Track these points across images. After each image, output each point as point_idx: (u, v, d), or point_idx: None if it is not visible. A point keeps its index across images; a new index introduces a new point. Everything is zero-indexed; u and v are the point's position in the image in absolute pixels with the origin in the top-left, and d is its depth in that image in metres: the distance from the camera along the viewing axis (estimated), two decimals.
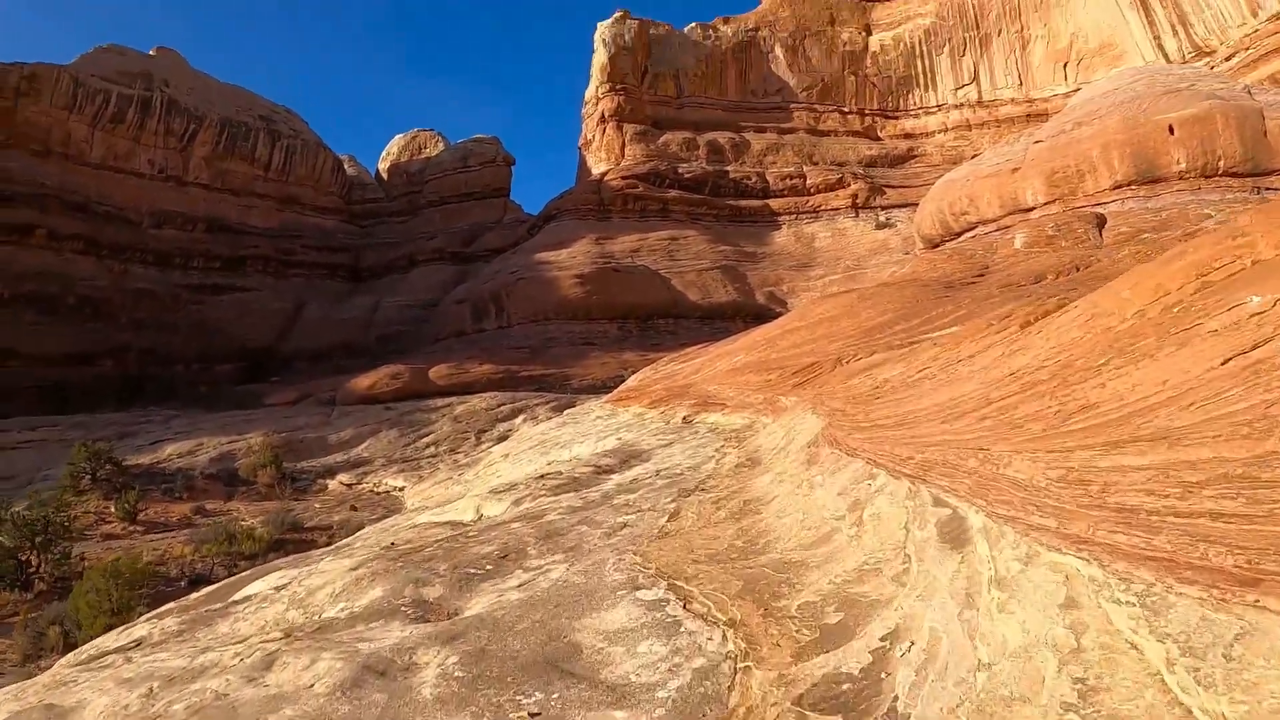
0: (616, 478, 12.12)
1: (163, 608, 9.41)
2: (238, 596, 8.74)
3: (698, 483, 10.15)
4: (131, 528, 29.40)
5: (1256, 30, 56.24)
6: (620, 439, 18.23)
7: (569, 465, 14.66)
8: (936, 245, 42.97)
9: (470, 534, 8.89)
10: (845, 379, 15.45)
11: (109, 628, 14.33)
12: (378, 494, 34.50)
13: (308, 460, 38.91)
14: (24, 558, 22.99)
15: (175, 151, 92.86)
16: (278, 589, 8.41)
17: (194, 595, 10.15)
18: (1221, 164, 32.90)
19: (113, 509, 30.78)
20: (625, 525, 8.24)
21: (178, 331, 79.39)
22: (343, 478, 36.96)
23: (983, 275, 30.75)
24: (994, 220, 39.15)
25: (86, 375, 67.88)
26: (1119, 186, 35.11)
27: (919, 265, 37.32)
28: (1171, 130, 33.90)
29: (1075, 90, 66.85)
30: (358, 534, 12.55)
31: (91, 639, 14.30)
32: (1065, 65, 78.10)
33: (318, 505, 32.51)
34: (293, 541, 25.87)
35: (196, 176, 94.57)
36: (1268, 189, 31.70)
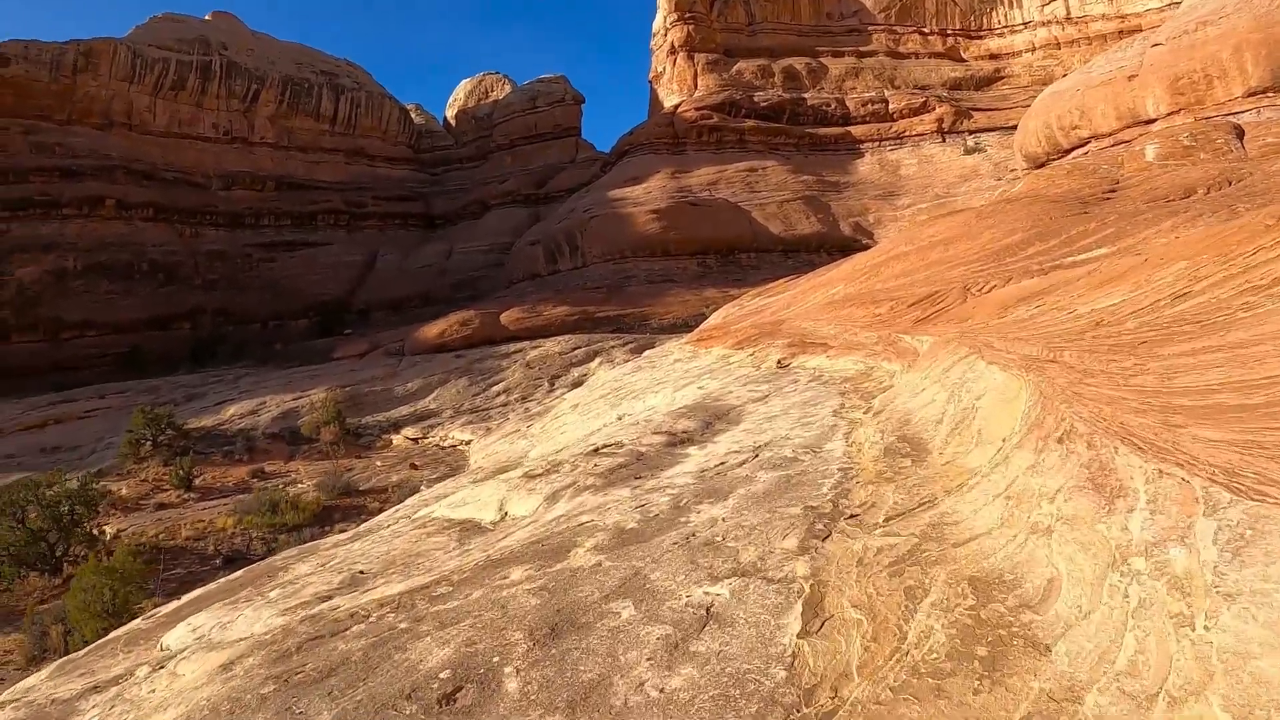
0: (696, 458, 8.85)
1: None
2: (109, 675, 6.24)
3: (832, 496, 6.13)
4: (186, 495, 27.65)
5: None
6: (702, 388, 15.77)
7: (636, 431, 11.42)
8: (1042, 165, 39.39)
9: (437, 597, 5.21)
10: (997, 311, 12.41)
11: (103, 631, 12.51)
12: (443, 448, 32.36)
13: (373, 414, 36.97)
14: (53, 540, 21.26)
15: (239, 113, 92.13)
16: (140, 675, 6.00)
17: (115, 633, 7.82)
18: None
19: (169, 476, 29.19)
20: (706, 622, 4.20)
21: (250, 290, 79.54)
22: (408, 431, 34.92)
23: (1114, 191, 27.49)
24: (1109, 134, 35.48)
25: (162, 340, 68.49)
26: (1253, 94, 31.41)
27: (1035, 183, 33.85)
28: None
29: (1170, 4, 63.20)
30: (315, 549, 9.56)
31: (87, 642, 12.42)
32: None
33: (379, 463, 30.45)
34: (342, 509, 23.88)
35: (262, 136, 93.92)
36: None
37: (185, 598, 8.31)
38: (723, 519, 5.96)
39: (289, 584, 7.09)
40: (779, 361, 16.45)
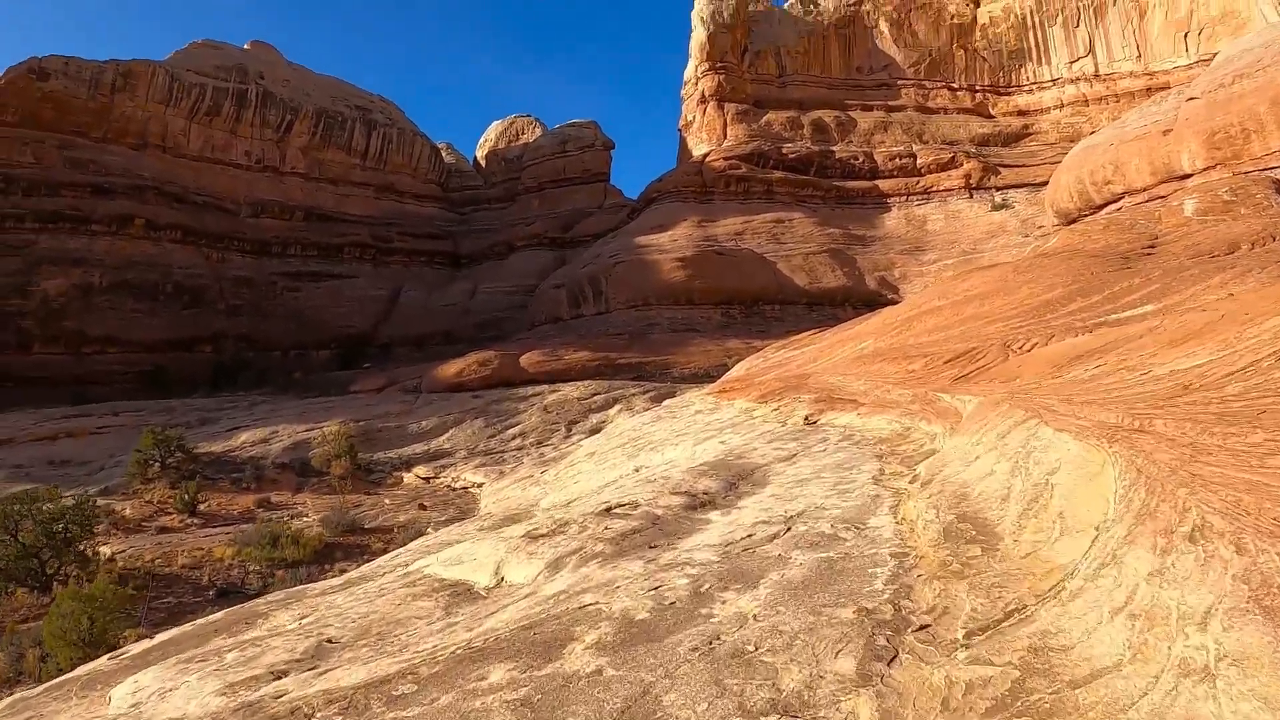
0: (719, 526, 7.94)
1: None
2: None
3: (890, 594, 5.07)
4: (189, 520, 27.21)
5: None
6: (725, 443, 15.11)
7: (652, 489, 10.33)
8: (1073, 220, 38.93)
9: (396, 698, 4.35)
10: (1049, 369, 11.81)
11: (78, 660, 12.14)
12: (454, 490, 31.80)
13: (385, 451, 36.47)
14: (45, 558, 20.80)
15: (272, 142, 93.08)
16: None
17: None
18: None
19: (174, 500, 28.74)
20: None
21: (274, 318, 79.99)
22: (420, 470, 34.38)
23: (1153, 247, 27.07)
24: (1144, 189, 35.03)
25: (184, 361, 68.87)
26: None
27: (1070, 238, 33.30)
28: None
29: (1199, 62, 63.43)
30: (302, 595, 8.97)
31: (61, 671, 11.91)
32: (1185, 35, 73.38)
33: (388, 501, 29.93)
34: (345, 547, 23.33)
35: (293, 166, 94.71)
36: None
37: (158, 638, 7.96)
38: (754, 616, 4.88)
39: (253, 644, 6.56)
40: (806, 418, 15.67)
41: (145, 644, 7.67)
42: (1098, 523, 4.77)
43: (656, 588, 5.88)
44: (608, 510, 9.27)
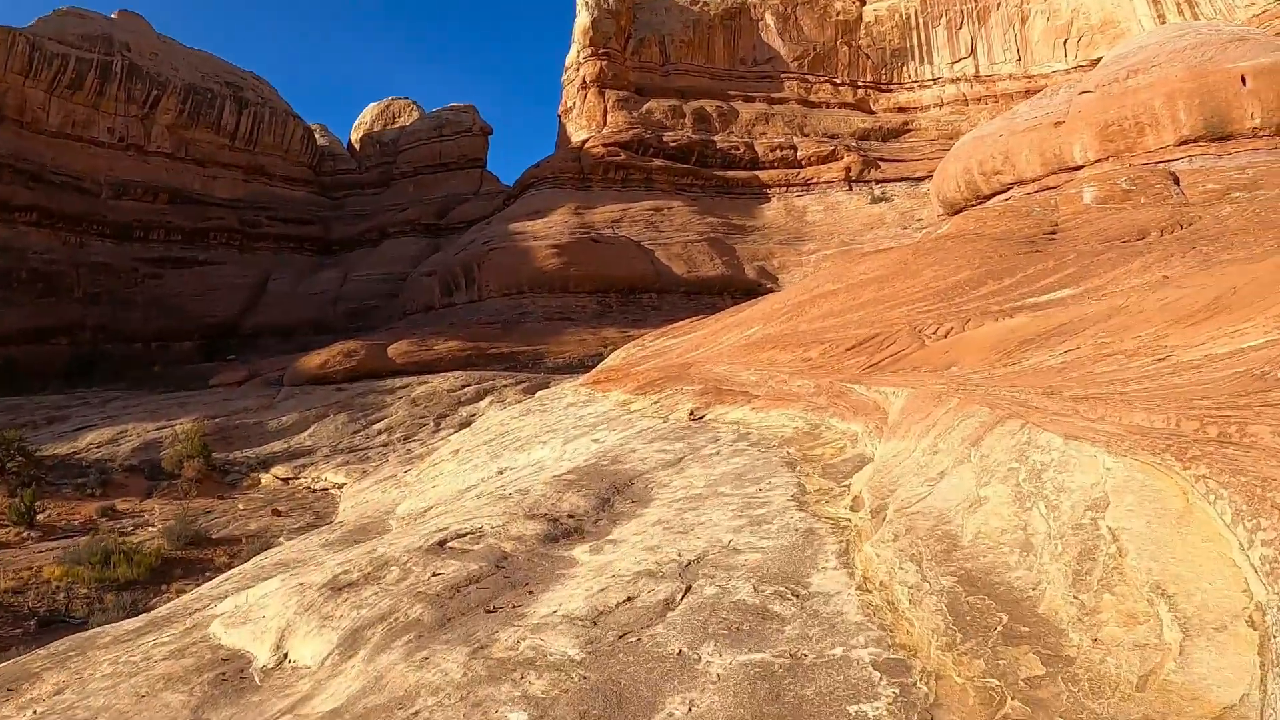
0: (586, 573, 6.10)
1: None
2: None
3: None
4: (26, 533, 25.23)
5: (1266, 10, 53.75)
6: (599, 442, 13.96)
7: (505, 509, 8.24)
8: (959, 210, 39.22)
9: None
10: (996, 356, 10.86)
11: None
12: (314, 491, 30.28)
13: (243, 449, 34.70)
14: None
15: (136, 119, 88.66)
16: None
17: None
18: None
19: (9, 511, 26.81)
20: None
21: (135, 307, 76.31)
22: (279, 470, 32.73)
23: (1055, 233, 27.46)
24: (1034, 180, 35.57)
25: (36, 354, 65.23)
26: (1185, 142, 31.79)
27: (965, 224, 33.41)
28: (1244, 81, 30.54)
29: (1076, 68, 66.69)
30: (82, 650, 7.68)
31: None
32: (1065, 42, 76.83)
33: (241, 506, 28.24)
34: (186, 562, 21.69)
35: (159, 145, 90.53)
36: None
37: None
38: None
39: None
40: (691, 412, 14.54)
41: None
42: (1246, 609, 3.06)
43: (482, 710, 3.97)
44: (442, 545, 7.30)
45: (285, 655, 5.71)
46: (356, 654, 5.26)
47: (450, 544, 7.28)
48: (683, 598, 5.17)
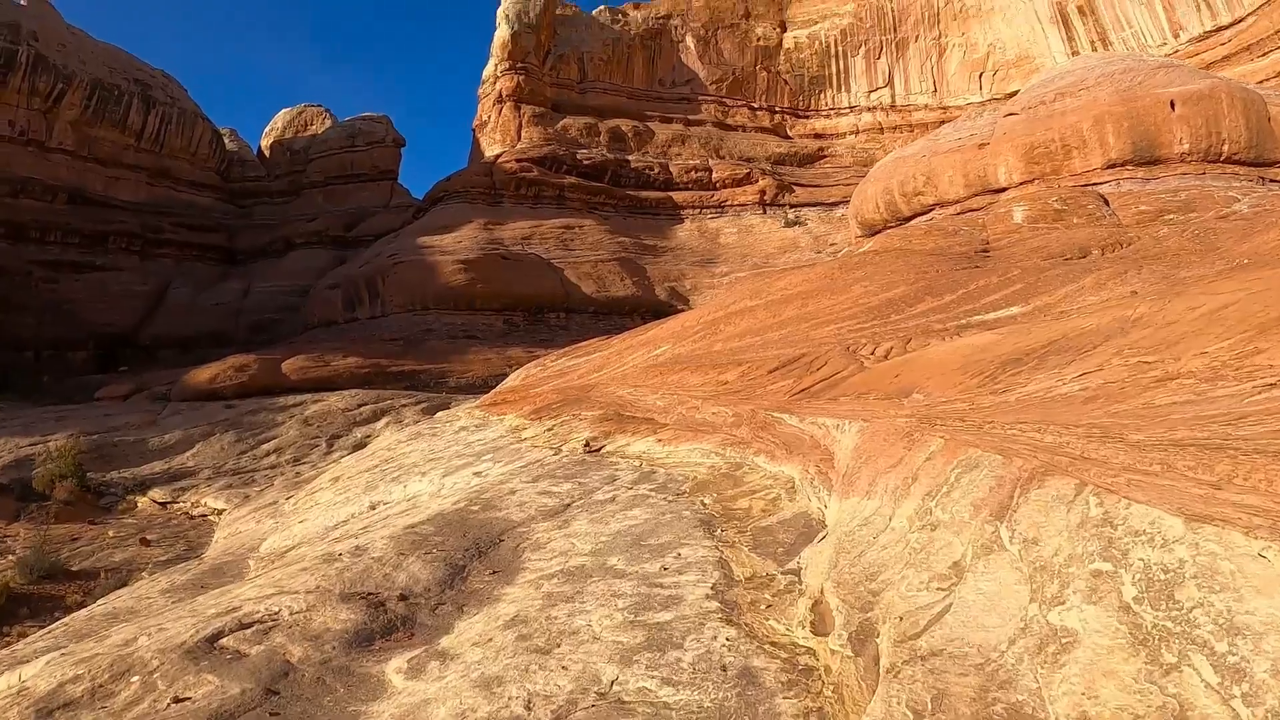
0: None
1: None
2: None
3: None
4: None
5: (1176, 51, 55.83)
6: (479, 476, 12.77)
7: (321, 579, 6.63)
8: (878, 232, 39.23)
9: None
10: (973, 381, 9.53)
11: None
12: (192, 517, 28.82)
13: (121, 469, 33.05)
14: None
15: (39, 113, 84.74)
16: None
17: None
18: (1225, 148, 30.28)
19: None
20: None
21: (27, 312, 72.55)
22: (157, 493, 31.12)
23: (987, 250, 27.37)
24: (956, 201, 35.74)
25: None
26: (1113, 165, 32.20)
27: (889, 241, 33.16)
28: (1173, 106, 31.13)
29: (991, 100, 68.43)
30: None
31: None
32: (980, 75, 78.70)
33: (111, 533, 26.70)
34: (37, 599, 20.26)
35: (61, 142, 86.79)
36: (1272, 180, 29.13)
37: None
38: None
39: None
40: (587, 443, 12.95)
41: None
42: None
43: None
44: (216, 637, 5.46)
45: None
46: None
47: (224, 640, 5.46)
48: None
